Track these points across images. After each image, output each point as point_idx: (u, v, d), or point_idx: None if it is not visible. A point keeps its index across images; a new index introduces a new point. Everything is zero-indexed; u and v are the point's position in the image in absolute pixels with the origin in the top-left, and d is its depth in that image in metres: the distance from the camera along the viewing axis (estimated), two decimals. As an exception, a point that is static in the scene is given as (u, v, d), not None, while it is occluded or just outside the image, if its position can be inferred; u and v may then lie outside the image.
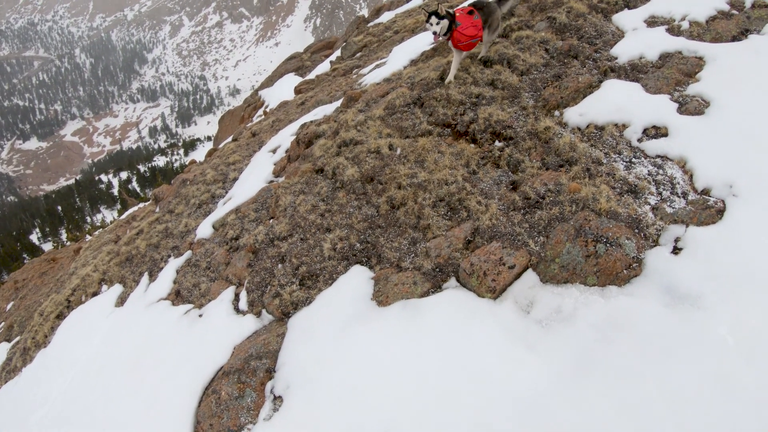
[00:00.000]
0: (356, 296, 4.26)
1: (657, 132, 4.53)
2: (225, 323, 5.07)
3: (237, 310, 5.21)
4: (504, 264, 3.79)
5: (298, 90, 16.28)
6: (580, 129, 4.94)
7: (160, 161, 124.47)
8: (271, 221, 5.97)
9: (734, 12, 5.71)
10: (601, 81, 5.39)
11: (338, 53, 20.20)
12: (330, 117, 8.00)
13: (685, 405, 2.68)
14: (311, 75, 19.53)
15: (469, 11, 5.88)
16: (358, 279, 4.45)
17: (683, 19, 5.81)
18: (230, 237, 6.47)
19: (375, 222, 4.98)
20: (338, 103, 9.01)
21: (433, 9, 5.77)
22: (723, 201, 3.69)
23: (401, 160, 5.36)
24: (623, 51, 5.70)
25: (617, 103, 4.92)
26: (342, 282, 4.55)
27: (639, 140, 4.56)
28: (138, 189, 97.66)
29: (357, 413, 3.38)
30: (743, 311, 2.98)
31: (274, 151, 8.88)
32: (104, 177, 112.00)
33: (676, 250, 3.50)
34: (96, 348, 6.56)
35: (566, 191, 4.19)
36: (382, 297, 4.12)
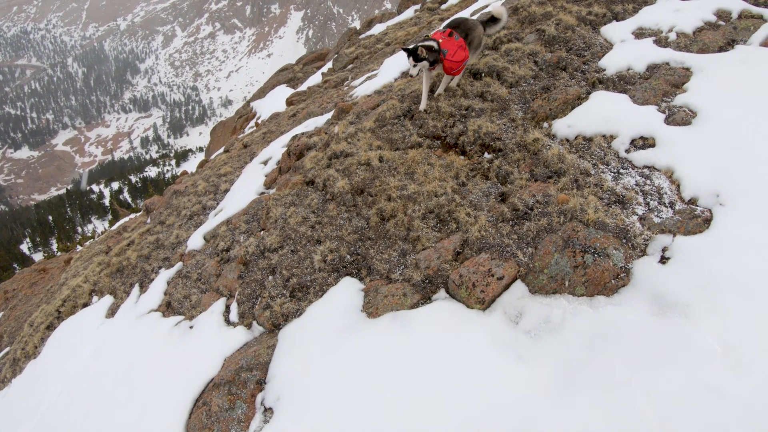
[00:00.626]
0: (346, 308, 4.26)
1: (644, 143, 4.59)
2: (216, 335, 5.04)
3: (228, 322, 5.19)
4: (493, 275, 3.81)
5: (290, 101, 16.30)
6: (569, 140, 4.98)
7: (152, 172, 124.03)
8: (262, 233, 5.96)
9: (721, 23, 5.80)
10: (590, 92, 5.45)
11: (330, 65, 20.29)
12: (321, 129, 8.03)
13: (674, 414, 2.69)
14: (303, 86, 19.57)
15: (449, 33, 5.65)
16: (348, 291, 4.45)
17: (670, 31, 5.89)
18: (221, 248, 6.46)
19: (365, 234, 4.99)
20: (329, 115, 9.05)
21: (412, 47, 5.50)
22: (710, 210, 3.74)
23: (391, 172, 5.39)
24: (611, 63, 5.76)
25: (605, 115, 4.98)
26: (332, 294, 4.55)
27: (627, 151, 4.61)
28: (129, 199, 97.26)
29: (347, 425, 3.37)
30: (731, 320, 3.01)
31: (266, 163, 8.89)
32: (95, 187, 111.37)
33: (664, 260, 3.54)
34: (86, 360, 6.50)
35: (554, 202, 4.23)
36: (372, 309, 4.12)
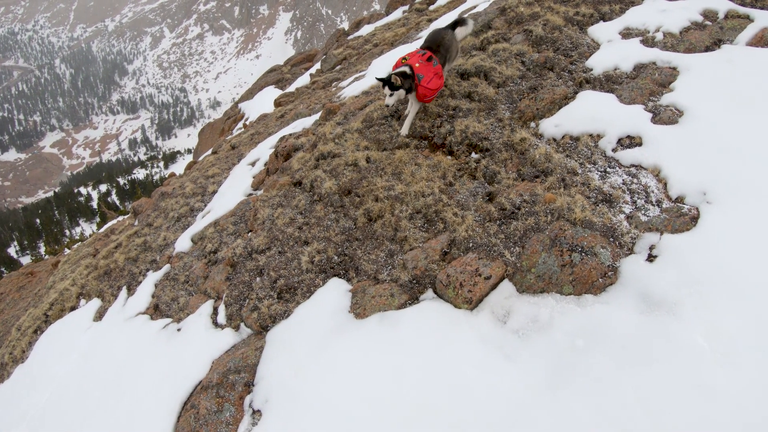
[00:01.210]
0: (334, 309, 4.25)
1: (631, 142, 4.61)
2: (203, 337, 5.01)
3: (215, 324, 5.16)
4: (480, 275, 3.81)
5: (278, 103, 16.26)
6: (556, 140, 5.00)
7: (140, 174, 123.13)
8: (250, 234, 5.93)
9: (708, 23, 5.84)
10: (577, 92, 5.47)
11: (318, 66, 20.28)
12: (309, 130, 8.01)
13: (663, 411, 2.71)
14: (291, 88, 19.53)
15: (428, 57, 5.37)
16: (336, 291, 4.43)
17: (657, 31, 5.93)
18: (209, 250, 6.42)
19: (352, 234, 4.98)
20: (317, 116, 9.02)
21: (386, 77, 5.29)
22: (697, 208, 3.76)
23: (378, 173, 5.38)
24: (598, 62, 5.79)
25: (592, 114, 5.00)
26: (320, 295, 4.53)
27: (614, 150, 4.63)
28: (117, 202, 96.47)
29: (336, 427, 3.36)
30: (718, 317, 3.03)
31: (253, 164, 8.86)
32: (83, 189, 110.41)
33: (651, 258, 3.55)
34: (74, 363, 6.45)
35: (541, 202, 4.23)
36: (360, 309, 4.10)
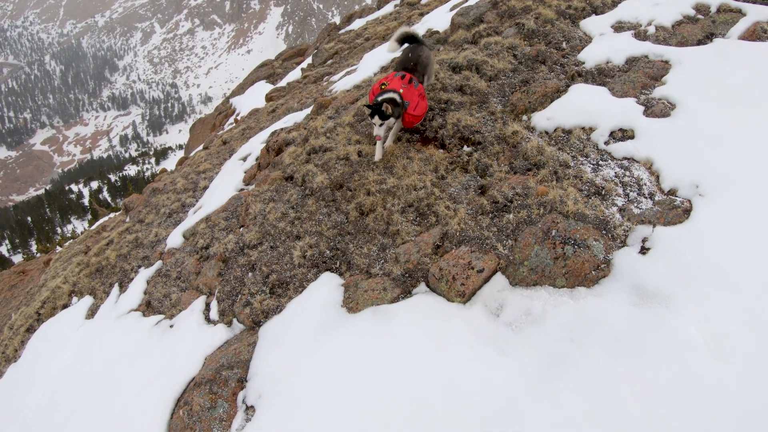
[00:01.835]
0: (326, 303, 4.23)
1: (624, 134, 4.62)
2: (196, 333, 4.97)
3: (208, 320, 5.13)
4: (473, 268, 3.80)
5: (269, 97, 16.19)
6: (548, 133, 5.01)
7: (131, 170, 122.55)
8: (241, 229, 5.90)
9: (700, 17, 5.86)
10: (569, 85, 5.49)
11: (309, 60, 20.19)
12: (300, 124, 7.97)
13: (657, 404, 2.71)
14: (282, 82, 19.45)
15: (409, 80, 5.12)
16: (328, 286, 4.42)
17: (649, 24, 5.95)
18: (200, 246, 6.38)
19: (344, 229, 4.96)
20: (309, 111, 8.98)
21: (374, 104, 4.89)
22: (689, 201, 3.77)
23: (370, 167, 5.36)
24: (590, 56, 5.80)
25: (584, 107, 5.01)
26: (312, 289, 4.51)
27: (606, 143, 4.65)
28: (109, 199, 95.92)
29: (330, 423, 3.34)
30: (711, 310, 3.03)
31: (245, 159, 8.81)
32: (74, 187, 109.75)
33: (644, 250, 3.55)
34: (67, 362, 6.36)
35: (534, 194, 4.23)
36: (353, 304, 4.09)
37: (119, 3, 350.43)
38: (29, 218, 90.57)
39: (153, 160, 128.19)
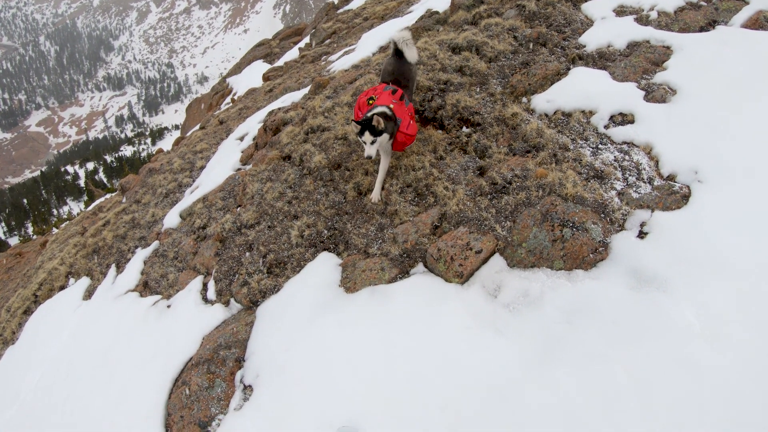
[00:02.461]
0: (324, 283, 4.22)
1: (624, 119, 4.59)
2: (193, 313, 4.97)
3: (205, 300, 5.12)
4: (471, 249, 3.80)
5: (267, 77, 16.05)
6: (548, 115, 4.98)
7: (127, 151, 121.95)
8: (239, 209, 5.88)
9: (703, 3, 5.80)
10: (569, 68, 5.44)
11: (307, 40, 20.03)
12: (298, 104, 7.89)
13: (651, 388, 2.72)
14: (280, 62, 19.27)
15: (401, 96, 4.65)
16: (326, 266, 4.41)
17: (652, 9, 5.89)
18: (197, 226, 6.36)
19: (342, 208, 4.94)
20: (306, 90, 8.90)
21: (364, 119, 4.31)
22: (688, 187, 3.76)
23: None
24: (591, 39, 5.76)
25: (585, 90, 4.97)
26: (310, 269, 4.50)
27: (606, 127, 4.62)
28: (105, 180, 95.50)
29: (327, 402, 3.36)
30: (708, 296, 3.03)
31: (242, 139, 8.74)
32: (70, 168, 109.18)
33: (642, 235, 3.55)
34: (64, 343, 6.37)
35: (533, 176, 4.22)
36: (350, 283, 4.09)
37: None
38: (25, 200, 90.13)
39: (149, 141, 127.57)
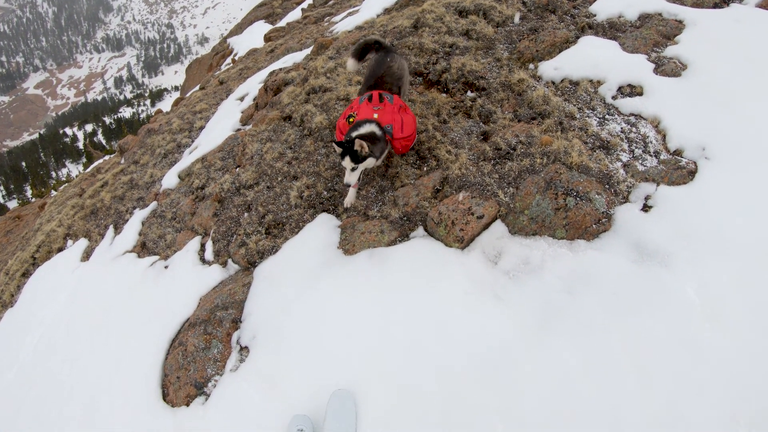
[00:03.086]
0: (322, 244, 4.18)
1: (632, 90, 4.50)
2: (191, 274, 4.94)
3: (203, 261, 5.09)
4: (473, 214, 3.74)
5: (268, 38, 15.76)
6: (554, 83, 4.89)
7: (127, 112, 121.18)
8: (238, 170, 5.80)
9: (718, -20, 5.65)
10: (578, 37, 5.34)
11: (310, 1, 19.62)
12: (299, 64, 7.74)
13: (650, 362, 2.70)
14: (282, 22, 18.91)
15: (380, 96, 4.12)
16: (325, 227, 4.36)
17: (665, -18, 5.74)
18: (196, 186, 6.29)
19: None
20: (308, 51, 8.77)
21: (346, 142, 3.77)
22: (695, 163, 3.69)
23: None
24: (602, 8, 5.65)
25: (593, 60, 4.88)
26: (308, 230, 4.45)
27: (613, 97, 4.54)
28: (104, 141, 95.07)
29: (323, 365, 3.35)
30: (711, 273, 3.00)
31: (242, 99, 8.60)
32: (69, 130, 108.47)
33: (646, 208, 3.50)
34: (63, 305, 6.35)
35: (538, 143, 4.14)
36: (349, 246, 4.04)
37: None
38: (24, 163, 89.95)
39: (148, 102, 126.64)
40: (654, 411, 2.56)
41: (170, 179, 7.17)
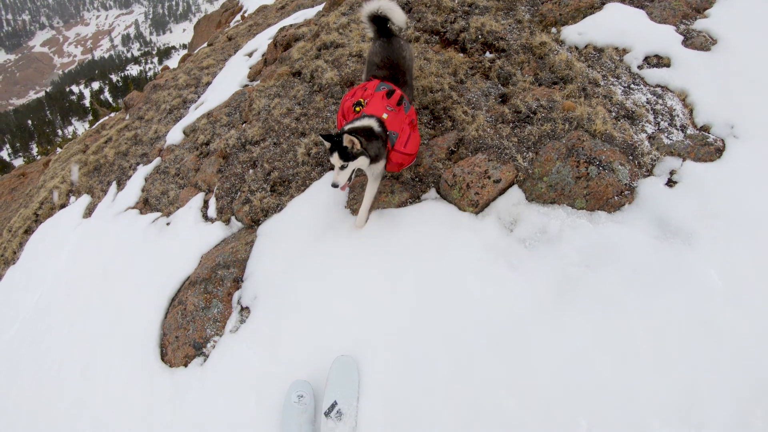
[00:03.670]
0: (329, 203, 4.03)
1: (659, 61, 4.30)
2: (193, 231, 4.84)
3: (205, 218, 4.97)
4: (489, 177, 3.55)
5: (279, -6, 15.42)
6: (578, 48, 4.66)
7: (134, 70, 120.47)
8: (244, 125, 5.62)
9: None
10: (604, 3, 5.08)
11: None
12: (311, 20, 7.55)
13: (668, 342, 2.58)
14: (294, -22, 18.54)
15: (399, 99, 3.44)
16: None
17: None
18: (201, 142, 6.12)
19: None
20: (321, 7, 8.54)
21: (336, 135, 3.21)
22: (723, 140, 3.51)
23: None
24: (629, -25, 5.35)
25: (619, 27, 4.67)
26: (315, 188, 4.30)
27: (639, 67, 4.34)
28: (110, 99, 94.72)
29: (326, 329, 3.24)
30: (735, 254, 2.85)
31: (251, 55, 8.41)
32: (75, 88, 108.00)
33: (671, 183, 3.33)
34: (64, 262, 6.33)
35: (560, 108, 3.93)
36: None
37: None
38: (30, 121, 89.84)
39: (156, 60, 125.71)
40: (669, 393, 2.44)
41: (175, 135, 7.01)
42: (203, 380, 3.48)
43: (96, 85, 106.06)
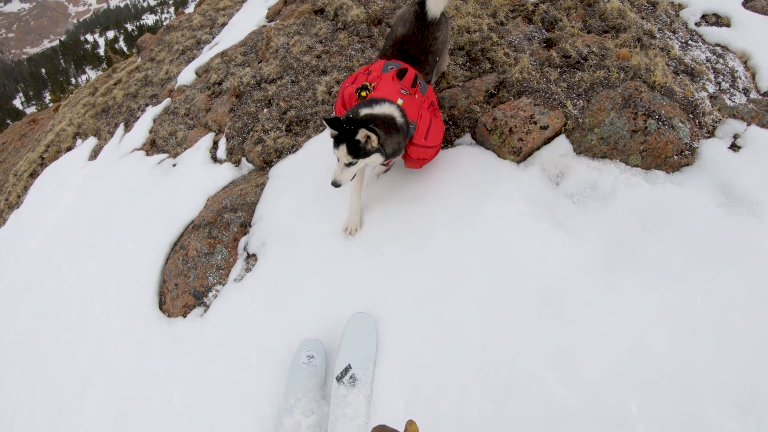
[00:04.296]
0: (351, 143, 3.66)
1: (718, 20, 4.02)
2: (200, 172, 4.55)
3: (214, 159, 4.67)
4: (535, 123, 3.15)
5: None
6: (630, -1, 4.26)
7: (150, 19, 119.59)
8: (260, 64, 5.27)
9: None
10: (661, -48, 4.64)
11: None
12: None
13: (730, 320, 2.26)
14: None
15: (414, 78, 2.88)
16: (354, 126, 3.83)
17: None
18: (213, 82, 5.77)
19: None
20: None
21: (345, 121, 2.57)
22: (788, 109, 3.14)
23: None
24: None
25: (676, -20, 4.28)
26: (335, 128, 3.94)
27: (697, 24, 4.04)
28: (125, 48, 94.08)
29: (341, 283, 2.93)
30: None
31: (270, -6, 7.93)
32: (90, 37, 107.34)
33: (735, 147, 2.97)
34: (67, 206, 6.16)
35: (614, 57, 3.53)
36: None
37: None
38: (43, 70, 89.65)
39: (172, 10, 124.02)
40: (728, 377, 2.13)
41: (187, 75, 6.66)
42: (202, 334, 3.22)
43: (111, 34, 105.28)
